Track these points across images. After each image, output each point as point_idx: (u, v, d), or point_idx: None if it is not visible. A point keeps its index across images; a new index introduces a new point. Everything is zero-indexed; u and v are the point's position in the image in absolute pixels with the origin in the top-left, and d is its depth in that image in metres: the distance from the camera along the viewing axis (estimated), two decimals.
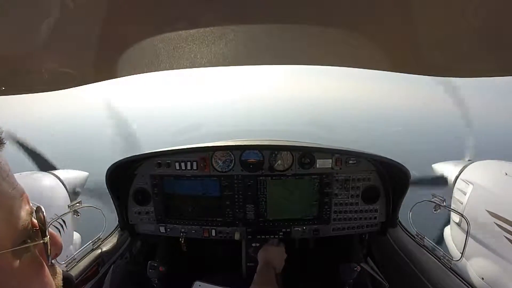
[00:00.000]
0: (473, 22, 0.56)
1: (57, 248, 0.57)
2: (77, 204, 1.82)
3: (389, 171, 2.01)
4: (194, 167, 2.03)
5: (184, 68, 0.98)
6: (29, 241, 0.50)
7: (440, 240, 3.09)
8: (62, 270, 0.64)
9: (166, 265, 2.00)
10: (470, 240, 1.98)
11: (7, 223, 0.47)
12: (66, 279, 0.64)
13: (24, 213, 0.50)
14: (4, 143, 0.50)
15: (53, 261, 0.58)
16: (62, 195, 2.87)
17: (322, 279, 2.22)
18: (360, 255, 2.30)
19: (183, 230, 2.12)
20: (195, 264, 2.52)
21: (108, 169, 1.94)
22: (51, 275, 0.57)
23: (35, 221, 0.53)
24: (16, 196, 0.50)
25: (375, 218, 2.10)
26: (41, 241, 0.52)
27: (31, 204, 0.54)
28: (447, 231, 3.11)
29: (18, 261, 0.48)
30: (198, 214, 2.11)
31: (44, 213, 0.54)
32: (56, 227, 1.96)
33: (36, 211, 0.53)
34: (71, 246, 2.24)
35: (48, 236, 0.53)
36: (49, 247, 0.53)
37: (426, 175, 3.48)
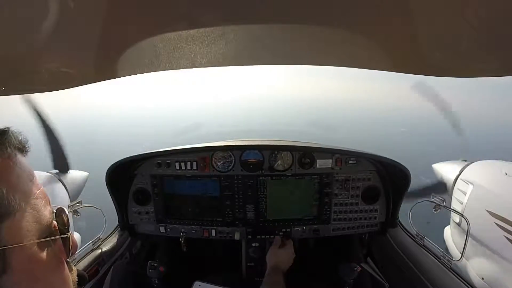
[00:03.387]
0: (473, 22, 0.55)
1: (73, 247, 0.64)
2: (77, 204, 1.82)
3: (389, 171, 2.01)
4: (194, 167, 2.03)
5: (184, 68, 0.98)
6: (50, 236, 0.58)
7: (440, 240, 3.09)
8: (77, 269, 0.70)
9: (166, 265, 1.99)
10: (470, 240, 1.99)
11: (34, 220, 0.54)
12: (81, 276, 0.71)
13: (47, 212, 0.58)
14: (29, 151, 0.58)
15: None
16: (62, 195, 2.88)
17: (322, 279, 2.22)
18: (360, 255, 2.30)
19: (183, 230, 2.12)
20: (195, 264, 2.52)
21: (108, 169, 1.94)
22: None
23: (55, 222, 0.61)
24: (41, 196, 0.57)
25: (375, 218, 2.10)
26: (64, 236, 0.60)
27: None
28: (447, 231, 3.11)
29: (43, 253, 0.55)
30: (198, 214, 2.11)
31: (67, 213, 0.63)
32: None
33: (57, 212, 0.62)
34: None
35: (71, 232, 0.62)
36: (70, 243, 0.61)
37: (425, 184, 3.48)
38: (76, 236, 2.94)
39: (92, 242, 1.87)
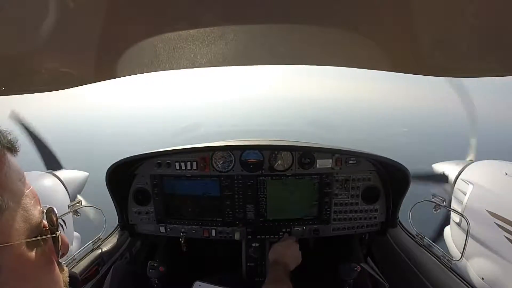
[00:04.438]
0: (473, 22, 0.56)
1: (64, 247, 0.63)
2: (77, 204, 1.82)
3: (389, 171, 2.01)
4: (194, 167, 2.03)
5: (184, 68, 0.97)
6: (40, 236, 0.57)
7: (440, 240, 3.09)
8: (68, 269, 0.70)
9: (166, 265, 1.99)
10: (470, 240, 1.99)
11: (23, 219, 0.54)
12: (72, 277, 0.70)
13: (36, 211, 0.57)
14: (18, 150, 0.57)
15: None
16: (62, 195, 2.88)
17: (322, 279, 2.22)
18: (360, 255, 2.30)
19: (183, 230, 2.12)
20: (195, 264, 2.52)
21: (108, 169, 1.94)
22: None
23: (45, 222, 0.60)
24: (30, 196, 0.57)
25: (375, 218, 2.10)
26: (52, 235, 0.59)
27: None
28: (447, 231, 3.11)
29: (32, 253, 0.54)
30: (198, 214, 2.11)
31: (56, 213, 0.62)
32: None
33: (47, 211, 0.61)
34: (71, 246, 2.24)
35: (60, 232, 0.61)
36: (60, 243, 0.61)
37: (428, 171, 3.49)
38: (76, 236, 2.94)
39: (92, 242, 1.88)
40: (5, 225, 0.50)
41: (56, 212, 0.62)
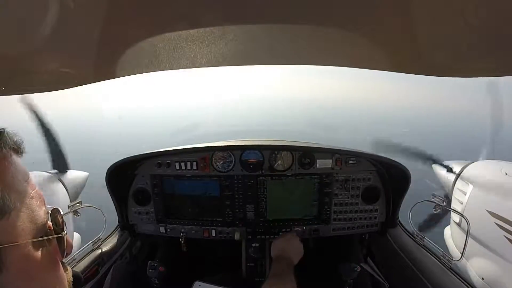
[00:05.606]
0: (473, 22, 0.55)
1: (68, 247, 0.65)
2: (77, 204, 1.82)
3: (389, 171, 2.01)
4: (194, 167, 2.03)
5: (184, 68, 0.98)
6: (45, 236, 0.58)
7: (440, 239, 3.09)
8: (72, 269, 0.71)
9: (166, 265, 1.99)
10: (470, 240, 1.99)
11: (29, 220, 0.55)
12: (75, 276, 0.71)
13: (42, 212, 0.58)
14: (24, 151, 0.58)
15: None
16: (62, 195, 2.88)
17: (322, 279, 2.22)
18: (360, 255, 2.30)
19: (183, 230, 2.12)
20: (195, 264, 2.52)
21: (108, 169, 1.94)
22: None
23: (49, 222, 0.61)
24: (36, 197, 0.58)
25: (375, 218, 2.10)
26: (58, 235, 0.61)
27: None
28: (447, 231, 3.12)
29: (37, 253, 0.55)
30: (198, 214, 2.11)
31: (62, 214, 0.63)
32: None
33: (52, 212, 0.63)
34: None
35: (65, 232, 0.62)
36: (65, 243, 0.62)
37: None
38: (76, 236, 2.94)
39: (92, 242, 1.87)
40: (12, 225, 0.51)
41: (62, 213, 0.63)
